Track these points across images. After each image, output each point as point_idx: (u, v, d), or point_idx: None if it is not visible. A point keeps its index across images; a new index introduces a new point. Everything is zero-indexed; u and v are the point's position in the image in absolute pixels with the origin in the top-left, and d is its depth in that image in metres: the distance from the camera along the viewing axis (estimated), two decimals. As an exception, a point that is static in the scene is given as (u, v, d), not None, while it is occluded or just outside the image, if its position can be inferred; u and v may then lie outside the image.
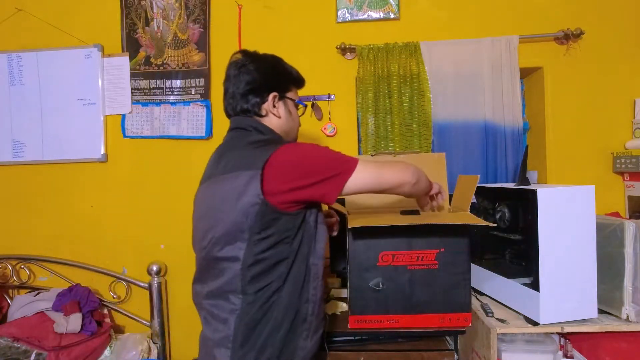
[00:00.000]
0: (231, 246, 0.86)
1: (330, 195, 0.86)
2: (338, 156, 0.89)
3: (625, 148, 1.61)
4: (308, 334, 0.91)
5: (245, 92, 0.97)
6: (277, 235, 0.85)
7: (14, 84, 1.82)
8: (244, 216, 0.83)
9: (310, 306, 0.91)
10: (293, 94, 1.06)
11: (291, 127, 1.05)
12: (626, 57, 1.63)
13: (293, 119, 1.05)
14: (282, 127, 1.02)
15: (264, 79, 0.98)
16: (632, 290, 1.05)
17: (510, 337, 1.11)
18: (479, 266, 1.31)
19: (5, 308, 1.67)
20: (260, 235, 0.84)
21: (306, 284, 0.90)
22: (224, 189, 0.88)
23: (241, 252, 0.85)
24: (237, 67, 0.98)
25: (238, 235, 0.85)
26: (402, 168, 0.94)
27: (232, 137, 0.99)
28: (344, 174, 0.86)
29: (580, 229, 1.05)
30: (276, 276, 0.86)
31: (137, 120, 1.78)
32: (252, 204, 0.83)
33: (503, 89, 1.60)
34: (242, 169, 0.85)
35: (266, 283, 0.86)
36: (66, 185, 1.82)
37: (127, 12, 1.79)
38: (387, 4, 1.69)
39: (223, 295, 0.88)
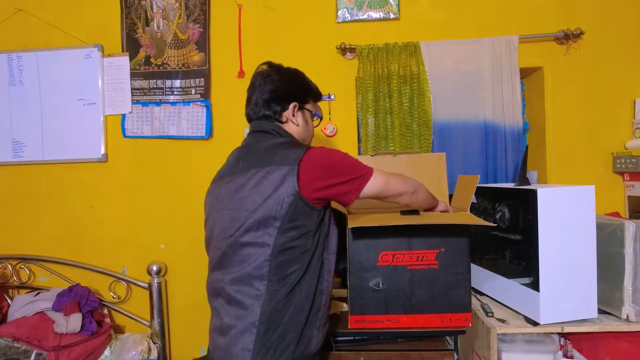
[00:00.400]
0: (262, 232, 0.92)
1: (352, 195, 0.96)
2: (359, 162, 0.99)
3: (625, 148, 1.61)
4: (320, 324, 0.97)
5: (269, 99, 1.06)
6: (304, 227, 0.93)
7: (14, 84, 1.82)
8: (278, 205, 0.91)
9: (324, 297, 0.98)
10: (311, 106, 1.15)
11: (306, 136, 1.14)
12: (626, 57, 1.63)
13: (309, 128, 1.15)
14: (299, 134, 1.10)
15: (286, 89, 1.08)
16: (632, 290, 1.05)
17: (510, 337, 1.11)
18: (479, 266, 1.32)
19: (5, 308, 1.67)
20: (290, 224, 0.91)
21: (321, 276, 0.97)
22: (255, 182, 0.95)
23: (271, 239, 0.91)
24: (263, 77, 1.08)
25: (270, 222, 0.91)
26: (404, 179, 1.05)
27: (254, 139, 1.06)
28: (365, 177, 0.97)
29: (580, 229, 1.05)
30: (299, 266, 0.93)
31: (137, 120, 1.78)
32: (288, 194, 0.90)
33: (503, 89, 1.60)
34: (277, 164, 0.93)
35: (290, 271, 0.92)
36: (66, 185, 1.82)
37: (127, 12, 1.79)
38: (387, 4, 1.69)
39: (248, 281, 0.93)
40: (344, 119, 1.72)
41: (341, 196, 0.96)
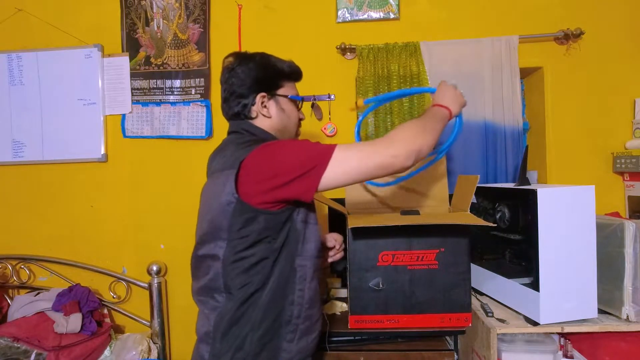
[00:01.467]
0: (212, 244, 0.87)
1: (305, 195, 0.82)
2: (311, 150, 0.83)
3: (625, 148, 1.61)
4: (293, 337, 0.88)
5: (235, 95, 0.98)
6: (256, 234, 0.84)
7: (14, 84, 1.82)
8: (222, 215, 0.84)
9: (296, 309, 0.88)
10: (287, 89, 1.02)
11: (285, 125, 1.02)
12: (626, 57, 1.63)
13: (288, 115, 1.02)
14: (275, 126, 1.00)
15: (249, 80, 0.97)
16: (632, 290, 1.05)
17: (510, 337, 1.11)
18: (479, 266, 1.32)
19: (5, 308, 1.67)
20: (239, 234, 0.84)
21: (291, 285, 0.88)
22: (209, 189, 0.92)
23: (221, 250, 0.85)
24: (228, 71, 0.99)
25: (218, 234, 0.86)
26: (389, 140, 0.85)
27: (227, 140, 1.00)
28: (318, 168, 0.80)
29: (580, 229, 1.05)
30: (257, 276, 0.85)
31: (137, 120, 1.78)
32: (228, 202, 0.83)
33: (503, 89, 1.60)
34: (223, 169, 0.87)
35: (246, 282, 0.85)
36: (66, 185, 1.82)
37: (127, 12, 1.79)
38: (387, 4, 1.69)
39: (209, 292, 0.89)
40: (344, 119, 1.72)
41: (295, 197, 0.83)
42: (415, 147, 0.84)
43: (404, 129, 0.87)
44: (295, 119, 1.05)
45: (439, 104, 0.99)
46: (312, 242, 0.91)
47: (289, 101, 1.03)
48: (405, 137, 0.85)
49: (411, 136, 0.85)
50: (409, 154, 0.83)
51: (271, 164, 0.82)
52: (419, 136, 0.86)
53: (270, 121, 0.99)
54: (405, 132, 0.87)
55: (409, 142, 0.84)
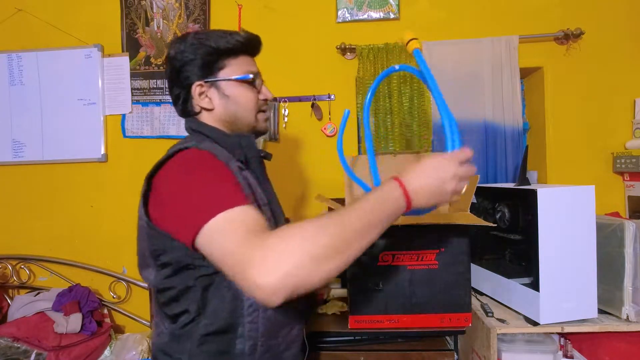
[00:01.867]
0: (146, 271, 0.78)
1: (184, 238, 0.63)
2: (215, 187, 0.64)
3: (625, 148, 1.61)
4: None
5: (172, 90, 0.85)
6: (176, 261, 0.71)
7: (14, 84, 1.81)
8: (143, 240, 0.75)
9: (248, 343, 0.74)
10: (230, 70, 0.83)
11: (234, 114, 0.84)
12: (626, 57, 1.63)
13: (235, 101, 0.83)
14: (222, 118, 0.84)
15: (183, 70, 0.82)
16: (632, 290, 1.05)
17: (510, 337, 1.11)
18: (479, 266, 1.31)
19: (5, 308, 1.67)
20: (160, 260, 0.73)
21: (237, 316, 0.73)
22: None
23: (151, 276, 0.76)
24: (166, 62, 0.86)
25: (146, 260, 0.76)
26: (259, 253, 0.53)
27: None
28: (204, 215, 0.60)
29: (580, 229, 1.05)
30: (188, 306, 0.73)
31: (137, 120, 1.78)
32: (142, 226, 0.74)
33: (503, 89, 1.60)
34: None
35: (178, 311, 0.74)
36: (66, 185, 1.82)
37: (127, 12, 1.79)
38: (387, 4, 1.69)
39: (157, 316, 0.81)
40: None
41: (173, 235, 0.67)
42: (303, 280, 0.53)
43: (303, 235, 0.55)
44: (248, 103, 0.85)
45: (404, 187, 0.63)
46: None
47: (236, 83, 0.84)
48: (296, 254, 0.53)
49: (308, 256, 0.53)
50: (282, 290, 0.52)
51: (169, 184, 0.69)
52: (324, 259, 0.54)
53: (214, 114, 0.84)
54: (303, 243, 0.54)
55: (295, 269, 0.52)
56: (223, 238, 0.58)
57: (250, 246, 0.54)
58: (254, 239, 0.55)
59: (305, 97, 1.71)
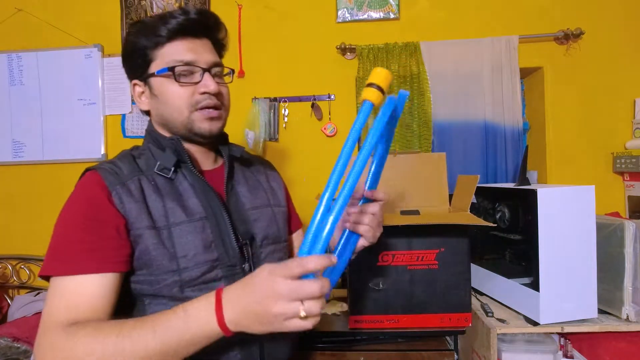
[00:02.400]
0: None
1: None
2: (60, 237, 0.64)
3: (625, 148, 1.61)
4: None
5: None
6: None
7: (14, 84, 1.81)
8: None
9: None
10: (160, 61, 0.71)
11: (162, 115, 0.74)
12: (626, 57, 1.63)
13: (164, 100, 0.72)
14: (157, 120, 0.76)
15: (124, 69, 0.76)
16: (632, 290, 1.05)
17: (510, 337, 1.11)
18: (479, 266, 1.32)
19: (5, 308, 1.67)
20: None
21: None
22: None
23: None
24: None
25: None
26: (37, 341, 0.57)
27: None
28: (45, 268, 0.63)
29: (580, 229, 1.05)
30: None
31: (137, 120, 1.78)
32: None
33: (503, 89, 1.60)
34: None
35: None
36: (66, 185, 1.80)
37: (127, 12, 1.79)
38: (387, 4, 1.69)
39: None
40: (344, 119, 1.72)
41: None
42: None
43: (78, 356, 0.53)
44: (175, 100, 0.71)
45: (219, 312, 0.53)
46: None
47: (162, 79, 0.71)
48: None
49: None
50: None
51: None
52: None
53: (152, 116, 0.77)
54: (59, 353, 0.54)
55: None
56: (45, 304, 0.60)
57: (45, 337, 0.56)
58: (52, 330, 0.56)
59: (305, 97, 1.71)
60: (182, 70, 0.70)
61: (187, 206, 0.69)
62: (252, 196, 0.80)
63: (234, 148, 0.81)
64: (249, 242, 0.74)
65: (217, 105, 0.73)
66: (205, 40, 0.74)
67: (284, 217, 0.86)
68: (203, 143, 0.77)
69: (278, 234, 0.82)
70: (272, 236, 0.79)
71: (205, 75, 0.71)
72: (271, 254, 0.79)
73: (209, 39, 0.75)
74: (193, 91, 0.71)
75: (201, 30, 0.73)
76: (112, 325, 0.55)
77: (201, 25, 0.72)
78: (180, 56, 0.70)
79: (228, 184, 0.77)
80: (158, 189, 0.69)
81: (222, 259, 0.69)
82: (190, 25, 0.70)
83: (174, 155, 0.71)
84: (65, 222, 0.65)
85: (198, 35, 0.73)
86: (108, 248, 0.62)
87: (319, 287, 0.49)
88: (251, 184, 0.83)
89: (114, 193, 0.66)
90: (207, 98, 0.72)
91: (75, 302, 0.58)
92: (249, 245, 0.73)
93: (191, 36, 0.71)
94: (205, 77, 0.71)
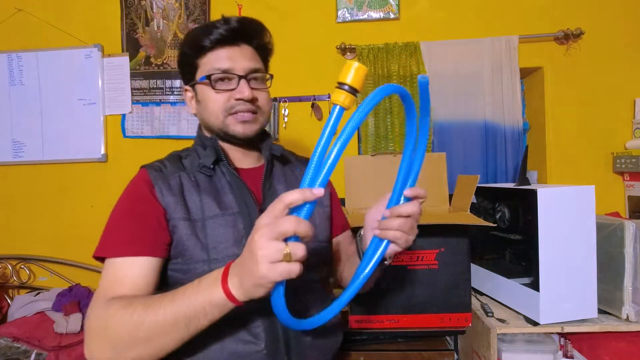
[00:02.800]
0: None
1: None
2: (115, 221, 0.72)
3: (625, 148, 1.61)
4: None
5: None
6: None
7: (14, 84, 1.81)
8: None
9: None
10: (203, 70, 0.78)
11: (203, 117, 0.81)
12: (626, 57, 1.63)
13: (204, 106, 0.78)
14: (201, 122, 0.84)
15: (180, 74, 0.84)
16: (632, 290, 1.05)
17: (510, 337, 1.11)
18: (479, 266, 1.31)
19: (5, 308, 1.67)
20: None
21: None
22: None
23: None
24: None
25: None
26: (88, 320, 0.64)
27: None
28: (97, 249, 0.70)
29: (580, 229, 1.05)
30: None
31: (137, 120, 1.78)
32: None
33: (503, 89, 1.60)
34: None
35: None
36: (66, 185, 1.81)
37: (127, 12, 1.79)
38: (387, 4, 1.69)
39: None
40: (344, 119, 1.71)
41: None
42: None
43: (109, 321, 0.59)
44: (212, 105, 0.77)
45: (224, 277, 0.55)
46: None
47: (202, 86, 0.78)
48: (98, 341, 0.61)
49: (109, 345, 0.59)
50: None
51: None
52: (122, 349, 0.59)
53: (199, 119, 0.84)
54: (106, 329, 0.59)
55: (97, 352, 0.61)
56: (99, 281, 0.68)
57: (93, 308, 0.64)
58: (99, 302, 0.64)
59: (305, 97, 1.71)
60: (218, 77, 0.76)
61: (223, 201, 0.74)
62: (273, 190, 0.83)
63: (274, 147, 0.84)
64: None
65: (251, 109, 0.77)
66: (246, 46, 0.79)
67: (324, 218, 0.87)
68: (241, 144, 0.82)
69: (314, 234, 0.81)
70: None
71: (241, 82, 0.76)
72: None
73: (250, 45, 0.80)
74: (229, 97, 0.76)
75: (241, 37, 0.78)
76: (142, 298, 0.62)
77: (241, 33, 0.77)
78: (219, 64, 0.76)
79: (266, 182, 0.81)
80: (197, 185, 0.75)
81: None
82: (231, 34, 0.76)
83: (214, 153, 0.78)
84: (116, 211, 0.73)
85: (238, 43, 0.78)
86: (148, 235, 0.69)
87: (294, 221, 0.49)
88: (290, 183, 0.85)
89: (157, 187, 0.73)
90: (241, 103, 0.76)
91: (119, 281, 0.66)
92: None
93: (231, 44, 0.77)
94: (241, 83, 0.76)
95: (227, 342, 0.67)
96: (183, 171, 0.77)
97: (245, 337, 0.68)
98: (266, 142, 0.84)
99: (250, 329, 0.68)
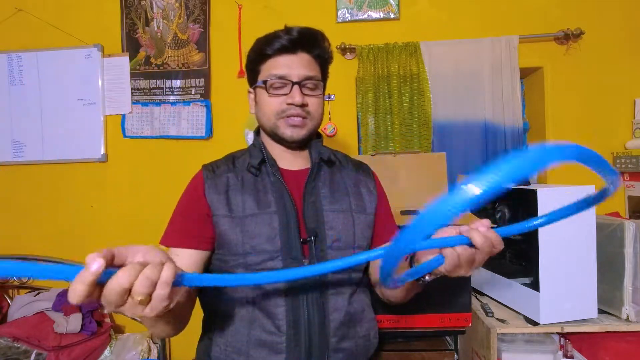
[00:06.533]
0: None
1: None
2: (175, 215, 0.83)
3: (625, 148, 1.61)
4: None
5: None
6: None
7: (14, 84, 1.81)
8: None
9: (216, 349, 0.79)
10: (262, 75, 0.83)
11: (259, 119, 0.86)
12: (626, 57, 1.63)
13: (260, 108, 0.84)
14: (260, 122, 0.87)
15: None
16: (632, 290, 1.05)
17: (510, 337, 1.11)
18: (479, 266, 1.31)
19: (5, 308, 1.67)
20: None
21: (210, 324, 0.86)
22: None
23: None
24: None
25: None
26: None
27: None
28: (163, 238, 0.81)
29: (580, 229, 1.05)
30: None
31: (137, 120, 1.78)
32: None
33: (503, 89, 1.60)
34: None
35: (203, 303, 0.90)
36: (66, 185, 1.82)
37: (127, 12, 1.79)
38: (387, 4, 1.69)
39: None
40: (344, 119, 1.72)
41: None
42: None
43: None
44: (266, 108, 0.82)
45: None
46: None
47: (260, 89, 0.83)
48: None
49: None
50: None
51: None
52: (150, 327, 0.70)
53: (258, 119, 0.88)
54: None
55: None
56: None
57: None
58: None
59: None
60: (273, 82, 0.80)
61: (262, 200, 0.80)
62: (333, 198, 0.84)
63: (323, 150, 0.87)
64: (314, 240, 0.78)
65: (300, 114, 0.81)
66: (303, 54, 0.82)
67: (365, 225, 0.86)
68: (291, 146, 0.86)
69: (352, 240, 0.82)
70: (344, 240, 0.81)
71: (294, 88, 0.80)
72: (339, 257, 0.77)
73: (309, 54, 0.83)
74: (282, 101, 0.80)
75: (300, 47, 0.81)
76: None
77: (301, 43, 0.81)
78: (276, 70, 0.80)
79: (309, 184, 0.83)
80: (243, 184, 0.82)
81: (284, 252, 0.77)
82: (290, 43, 0.80)
83: (261, 154, 0.84)
84: (176, 207, 0.84)
85: (296, 51, 0.81)
86: (195, 229, 0.78)
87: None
88: (335, 187, 0.86)
89: (207, 186, 0.81)
90: (292, 108, 0.80)
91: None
92: (313, 243, 0.78)
93: (290, 52, 0.81)
94: (293, 89, 0.80)
95: (254, 329, 0.76)
96: (232, 171, 0.84)
97: (269, 328, 0.75)
98: (315, 145, 0.87)
99: (274, 321, 0.76)
